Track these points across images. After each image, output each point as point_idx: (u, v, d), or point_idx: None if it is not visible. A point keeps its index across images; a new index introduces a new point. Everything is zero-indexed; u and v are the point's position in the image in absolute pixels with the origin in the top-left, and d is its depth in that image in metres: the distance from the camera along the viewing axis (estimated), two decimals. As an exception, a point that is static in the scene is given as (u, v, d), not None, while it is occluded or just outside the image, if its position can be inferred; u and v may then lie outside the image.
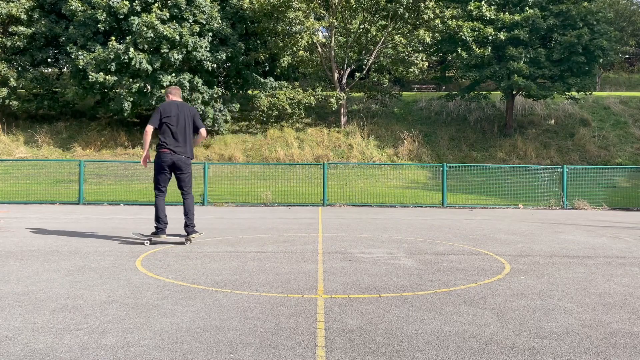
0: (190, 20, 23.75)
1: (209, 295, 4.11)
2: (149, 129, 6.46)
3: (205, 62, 24.14)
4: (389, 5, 25.35)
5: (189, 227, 6.75)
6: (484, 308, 3.81)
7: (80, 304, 3.80)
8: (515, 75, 24.71)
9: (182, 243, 6.72)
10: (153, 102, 24.14)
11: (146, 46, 23.10)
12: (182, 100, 7.13)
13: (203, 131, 6.76)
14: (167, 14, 23.09)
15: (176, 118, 6.53)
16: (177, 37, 22.83)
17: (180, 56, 23.25)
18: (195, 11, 23.73)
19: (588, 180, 20.74)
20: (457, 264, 5.58)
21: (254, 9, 24.84)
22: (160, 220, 6.67)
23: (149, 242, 6.65)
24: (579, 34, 24.69)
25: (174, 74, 23.70)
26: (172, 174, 6.70)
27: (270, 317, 3.52)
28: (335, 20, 26.55)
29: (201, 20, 23.94)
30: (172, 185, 6.99)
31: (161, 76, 23.33)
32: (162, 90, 25.28)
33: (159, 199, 6.71)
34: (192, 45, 23.26)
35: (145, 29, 22.63)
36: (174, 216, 9.55)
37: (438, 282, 4.64)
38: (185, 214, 6.74)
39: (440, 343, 3.05)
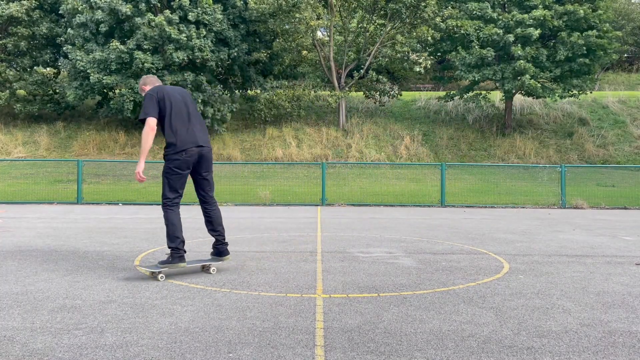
0: (193, 21, 23.77)
1: (208, 294, 4.10)
2: (153, 122, 4.60)
3: (210, 62, 24.17)
4: (390, 5, 25.35)
5: (223, 244, 4.96)
6: (482, 307, 3.81)
7: (79, 303, 3.80)
8: (527, 76, 24.64)
9: (207, 270, 4.95)
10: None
11: (150, 47, 23.14)
12: None
13: None
14: (177, 17, 23.13)
15: (183, 101, 4.80)
16: (184, 39, 22.89)
17: (184, 56, 23.28)
18: (200, 12, 23.75)
19: (587, 180, 20.76)
20: (456, 263, 5.58)
21: (259, 9, 24.84)
22: (179, 241, 4.69)
23: (163, 277, 4.62)
24: (587, 35, 24.70)
25: (177, 74, 23.74)
26: (193, 174, 4.89)
27: (269, 317, 3.51)
28: (335, 19, 26.56)
29: (205, 22, 23.98)
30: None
31: (164, 76, 23.36)
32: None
33: (176, 211, 4.74)
34: (197, 46, 23.33)
35: (151, 30, 22.68)
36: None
37: (437, 282, 4.64)
38: (215, 230, 4.94)
39: (439, 342, 3.05)
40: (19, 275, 4.73)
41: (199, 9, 23.79)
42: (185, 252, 4.72)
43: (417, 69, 26.91)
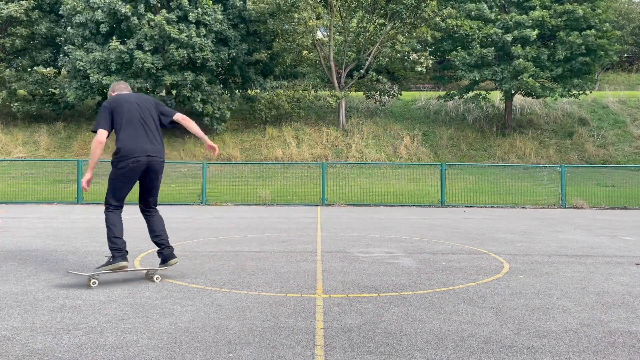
0: (193, 22, 23.78)
1: (208, 294, 4.10)
2: (102, 136, 4.58)
3: (210, 62, 24.18)
4: (390, 5, 25.35)
5: (167, 247, 4.81)
6: (482, 307, 3.81)
7: (79, 303, 3.80)
8: (525, 74, 24.63)
9: (150, 277, 4.69)
10: None
11: (151, 47, 23.15)
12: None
13: (179, 116, 5.08)
14: (174, 17, 23.13)
15: (138, 109, 4.73)
16: (185, 38, 22.90)
17: (185, 54, 23.29)
18: (200, 12, 23.75)
19: (587, 180, 20.76)
20: (456, 263, 5.58)
21: (258, 9, 24.84)
22: (118, 242, 4.57)
23: (96, 282, 4.40)
24: (585, 34, 24.69)
25: (177, 73, 23.74)
26: (139, 182, 4.88)
27: (269, 317, 3.51)
28: (334, 19, 26.56)
29: (205, 22, 23.99)
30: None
31: (164, 76, 23.36)
32: (164, 91, 25.31)
33: (118, 214, 4.72)
34: (197, 46, 23.35)
35: (151, 29, 22.69)
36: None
37: (437, 282, 4.64)
38: (157, 235, 4.83)
39: (439, 342, 3.05)
40: (19, 275, 4.73)
41: (199, 9, 23.81)
42: (127, 252, 4.62)
43: (419, 69, 26.91)
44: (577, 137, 27.65)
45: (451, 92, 28.58)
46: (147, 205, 4.96)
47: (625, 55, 41.93)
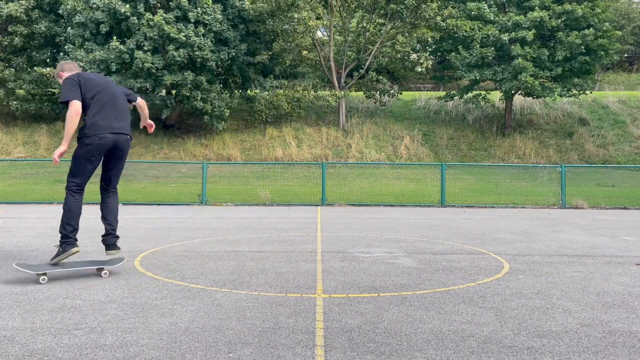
0: (192, 21, 23.78)
1: (208, 295, 4.10)
2: (77, 104, 4.50)
3: (210, 61, 24.17)
4: (391, 5, 25.34)
5: (112, 236, 4.79)
6: (483, 307, 3.81)
7: (79, 303, 3.80)
8: (524, 73, 24.64)
9: (99, 272, 4.72)
10: (156, 102, 24.21)
11: (150, 47, 23.15)
12: None
13: (141, 101, 5.12)
14: (172, 17, 23.14)
15: (106, 86, 4.72)
16: (183, 38, 22.90)
17: (185, 54, 23.29)
18: (199, 12, 23.75)
19: (587, 180, 20.77)
20: (456, 263, 5.58)
21: (256, 8, 24.84)
22: (68, 229, 4.56)
23: (45, 279, 4.40)
24: (583, 34, 24.70)
25: (177, 73, 23.75)
26: (105, 161, 4.83)
27: (269, 317, 3.51)
28: (335, 19, 26.55)
29: (205, 22, 23.99)
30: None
31: (164, 76, 23.36)
32: (164, 91, 25.32)
33: (78, 199, 4.63)
34: (197, 45, 23.35)
35: (150, 29, 22.69)
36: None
37: (437, 282, 4.64)
38: (105, 218, 4.79)
39: (439, 342, 3.05)
40: (19, 275, 4.73)
41: (199, 9, 23.81)
42: (76, 239, 4.62)
43: (419, 70, 26.92)
44: (577, 137, 27.65)
45: (451, 93, 28.58)
46: (108, 184, 4.89)
47: (625, 55, 41.94)
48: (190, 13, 23.56)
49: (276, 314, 3.59)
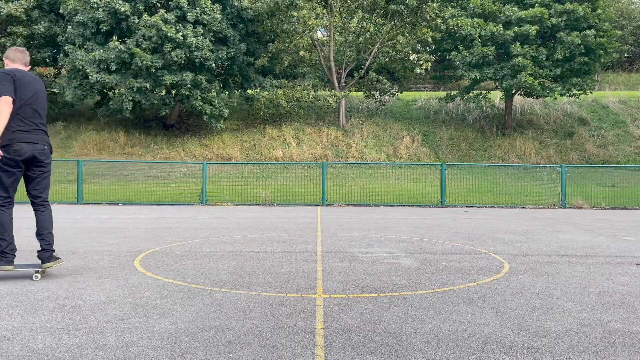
0: (191, 21, 23.78)
1: (208, 295, 4.10)
2: (9, 99, 4.28)
3: (208, 61, 24.16)
4: (391, 6, 25.34)
5: (47, 251, 4.59)
6: (483, 307, 3.81)
7: (79, 303, 3.80)
8: (523, 72, 24.64)
9: (30, 277, 4.60)
10: (155, 102, 24.22)
11: (149, 46, 23.15)
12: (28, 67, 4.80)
13: None
14: (172, 17, 23.13)
15: (34, 93, 4.49)
16: (181, 38, 22.91)
17: (182, 54, 23.29)
18: (198, 12, 23.75)
19: (587, 180, 20.77)
20: (456, 263, 5.58)
21: (255, 8, 24.84)
22: (6, 244, 4.50)
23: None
24: (584, 34, 24.69)
25: (177, 73, 23.75)
26: (26, 172, 4.64)
27: (270, 317, 3.51)
28: (334, 20, 26.55)
29: (204, 22, 23.99)
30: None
31: (163, 75, 23.36)
32: (164, 91, 25.31)
33: (6, 212, 4.60)
34: (195, 45, 23.34)
35: (148, 30, 22.70)
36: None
37: (437, 282, 4.64)
38: (40, 234, 4.64)
39: (439, 342, 3.05)
40: (19, 275, 4.72)
41: (198, 8, 23.80)
42: (13, 255, 4.47)
43: (418, 71, 26.93)
44: (577, 137, 27.65)
45: (452, 94, 28.58)
46: (35, 198, 4.73)
47: (626, 55, 41.94)
48: (189, 13, 23.56)
49: (276, 314, 3.59)
